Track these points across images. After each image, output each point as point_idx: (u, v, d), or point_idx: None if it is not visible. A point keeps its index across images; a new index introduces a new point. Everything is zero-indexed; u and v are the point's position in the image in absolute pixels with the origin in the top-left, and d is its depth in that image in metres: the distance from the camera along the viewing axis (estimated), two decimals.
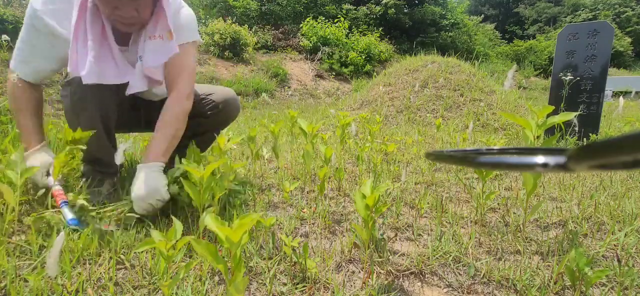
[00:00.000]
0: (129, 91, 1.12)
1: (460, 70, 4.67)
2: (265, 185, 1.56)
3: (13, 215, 0.95)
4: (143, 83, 1.14)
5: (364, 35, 11.72)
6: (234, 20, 8.90)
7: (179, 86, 1.18)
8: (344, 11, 13.03)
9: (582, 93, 2.76)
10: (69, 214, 1.00)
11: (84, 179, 1.18)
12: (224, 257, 0.62)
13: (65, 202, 1.03)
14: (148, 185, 1.02)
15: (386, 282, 0.85)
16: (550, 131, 2.79)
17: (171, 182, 1.10)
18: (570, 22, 9.36)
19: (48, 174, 1.11)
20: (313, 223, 1.17)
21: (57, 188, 1.07)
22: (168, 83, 1.20)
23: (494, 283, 0.85)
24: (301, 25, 10.91)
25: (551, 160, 0.20)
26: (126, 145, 1.07)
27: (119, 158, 1.03)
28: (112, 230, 0.95)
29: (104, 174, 1.21)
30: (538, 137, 1.04)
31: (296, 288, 0.80)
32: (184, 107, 1.18)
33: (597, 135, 2.71)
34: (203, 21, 10.20)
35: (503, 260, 0.96)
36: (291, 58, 9.88)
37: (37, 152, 1.14)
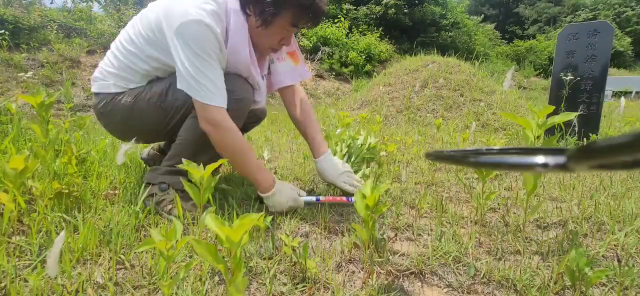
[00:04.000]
0: (254, 107, 1.25)
1: (460, 70, 4.67)
2: None
3: (12, 216, 0.95)
4: (264, 100, 1.31)
5: (364, 35, 11.72)
6: None
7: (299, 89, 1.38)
8: (344, 11, 13.02)
9: (582, 94, 2.76)
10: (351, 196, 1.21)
11: (165, 188, 1.17)
12: (224, 257, 0.62)
13: (349, 198, 1.21)
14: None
15: (386, 282, 0.85)
16: (550, 131, 2.79)
17: None
18: (570, 22, 9.36)
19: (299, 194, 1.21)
20: (313, 223, 1.17)
21: (322, 198, 1.22)
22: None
23: (494, 283, 0.85)
24: None
25: (551, 160, 0.20)
26: (127, 145, 1.07)
27: (120, 159, 1.03)
28: None
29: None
30: (538, 137, 1.04)
31: (296, 288, 0.80)
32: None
33: (597, 135, 2.71)
34: None
35: (503, 260, 0.95)
36: None
37: (281, 184, 1.18)
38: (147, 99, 1.16)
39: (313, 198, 1.21)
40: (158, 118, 1.18)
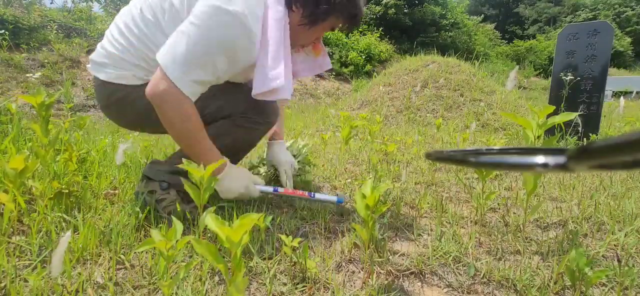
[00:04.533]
0: (282, 99, 1.12)
1: (460, 70, 4.67)
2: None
3: (12, 216, 0.95)
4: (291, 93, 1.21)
5: (364, 35, 11.72)
6: None
7: None
8: None
9: (582, 93, 2.76)
10: (329, 197, 1.19)
11: (166, 188, 1.13)
12: (224, 257, 0.62)
13: (311, 193, 1.18)
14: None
15: (386, 282, 0.85)
16: (550, 131, 2.79)
17: None
18: (570, 22, 9.36)
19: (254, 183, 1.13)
20: (313, 223, 1.17)
21: (282, 189, 1.16)
22: None
23: (494, 283, 0.85)
24: None
25: (551, 160, 0.20)
26: (126, 144, 1.07)
27: (119, 158, 1.03)
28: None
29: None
30: (538, 137, 1.04)
31: (296, 288, 0.80)
32: None
33: (597, 135, 2.71)
34: None
35: (503, 260, 0.95)
36: None
37: (235, 169, 1.09)
38: None
39: (270, 189, 1.14)
40: None
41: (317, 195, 1.19)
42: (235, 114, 1.13)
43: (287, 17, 1.04)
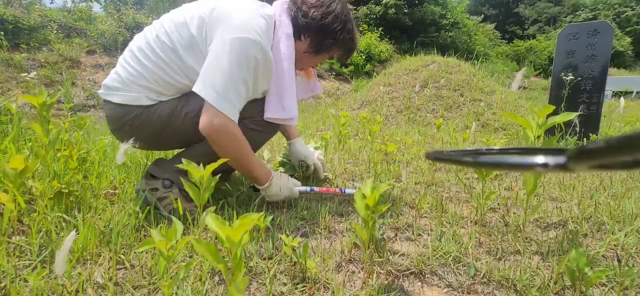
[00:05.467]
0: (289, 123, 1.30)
1: (460, 70, 4.67)
2: None
3: (12, 216, 0.95)
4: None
5: (364, 35, 11.72)
6: None
7: None
8: None
9: (582, 93, 2.76)
10: (349, 190, 1.31)
11: (169, 186, 1.17)
12: (224, 257, 0.62)
13: (342, 190, 1.31)
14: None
15: (386, 282, 0.85)
16: (550, 131, 2.79)
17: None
18: (570, 22, 9.35)
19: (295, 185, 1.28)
20: (313, 223, 1.17)
21: (316, 188, 1.31)
22: None
23: (494, 283, 0.85)
24: None
25: (551, 160, 0.20)
26: (127, 144, 1.07)
27: (120, 158, 1.03)
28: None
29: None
30: (538, 137, 1.04)
31: (296, 288, 0.80)
32: None
33: (597, 135, 2.71)
34: None
35: (503, 260, 0.96)
36: None
37: (276, 176, 1.22)
38: (184, 114, 1.13)
39: (307, 188, 1.29)
40: (193, 133, 1.12)
41: (347, 190, 1.31)
42: (246, 118, 1.18)
43: (294, 45, 1.19)
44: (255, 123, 1.21)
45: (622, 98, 2.71)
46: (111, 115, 1.15)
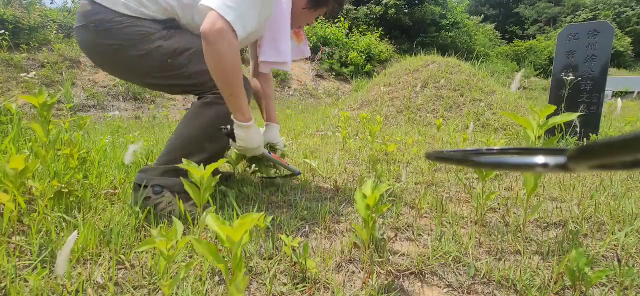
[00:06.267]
0: (283, 68, 1.35)
1: (460, 70, 4.67)
2: (265, 184, 1.56)
3: (12, 216, 0.95)
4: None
5: (364, 35, 11.72)
6: None
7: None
8: (344, 11, 13.03)
9: (582, 94, 2.76)
10: (293, 167, 1.47)
11: (159, 192, 1.13)
12: (224, 257, 0.62)
13: (286, 163, 1.44)
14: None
15: (386, 282, 0.85)
16: (550, 131, 2.79)
17: None
18: (570, 22, 9.36)
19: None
20: (313, 223, 1.17)
21: (272, 154, 1.38)
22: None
23: (494, 283, 0.85)
24: None
25: (551, 160, 0.20)
26: (136, 146, 1.07)
27: (128, 158, 1.03)
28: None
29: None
30: (539, 137, 1.04)
31: (296, 288, 0.80)
32: None
33: (597, 135, 2.71)
34: None
35: (503, 260, 0.96)
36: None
37: (254, 126, 1.16)
38: (157, 46, 1.08)
39: (266, 151, 1.36)
40: (157, 69, 1.10)
41: (291, 166, 1.46)
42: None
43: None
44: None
45: (619, 99, 2.70)
46: (81, 12, 1.09)
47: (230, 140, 1.18)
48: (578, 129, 2.66)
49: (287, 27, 1.22)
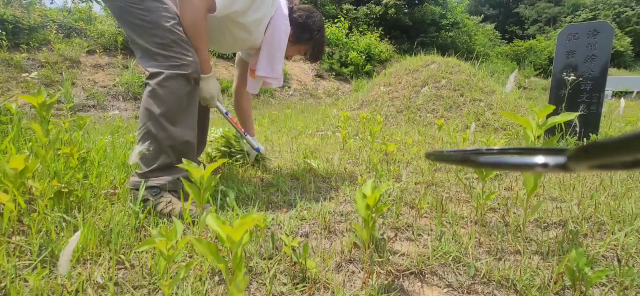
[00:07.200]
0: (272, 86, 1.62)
1: (460, 70, 4.67)
2: (265, 184, 1.56)
3: (12, 216, 0.95)
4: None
5: (364, 35, 11.72)
6: None
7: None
8: (344, 11, 13.03)
9: (582, 93, 2.76)
10: (254, 142, 1.67)
11: (158, 192, 1.16)
12: (224, 257, 0.62)
13: (245, 133, 1.65)
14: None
15: (386, 282, 0.85)
16: (550, 131, 2.79)
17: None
18: (570, 22, 9.36)
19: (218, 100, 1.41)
20: (313, 223, 1.17)
21: (231, 116, 1.54)
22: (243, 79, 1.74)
23: (494, 283, 0.85)
24: None
25: (551, 160, 0.20)
26: (142, 146, 1.08)
27: (133, 158, 1.03)
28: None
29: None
30: (539, 137, 1.04)
31: (296, 288, 0.80)
32: None
33: (597, 135, 2.71)
34: None
35: (503, 260, 0.96)
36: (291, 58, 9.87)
37: (212, 78, 1.34)
38: (162, 15, 1.17)
39: (223, 109, 1.45)
40: (159, 29, 1.17)
41: (248, 138, 1.64)
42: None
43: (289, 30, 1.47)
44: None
45: (621, 99, 2.70)
46: None
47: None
48: (578, 129, 2.66)
49: (283, 50, 1.47)
